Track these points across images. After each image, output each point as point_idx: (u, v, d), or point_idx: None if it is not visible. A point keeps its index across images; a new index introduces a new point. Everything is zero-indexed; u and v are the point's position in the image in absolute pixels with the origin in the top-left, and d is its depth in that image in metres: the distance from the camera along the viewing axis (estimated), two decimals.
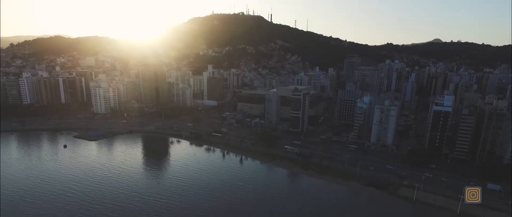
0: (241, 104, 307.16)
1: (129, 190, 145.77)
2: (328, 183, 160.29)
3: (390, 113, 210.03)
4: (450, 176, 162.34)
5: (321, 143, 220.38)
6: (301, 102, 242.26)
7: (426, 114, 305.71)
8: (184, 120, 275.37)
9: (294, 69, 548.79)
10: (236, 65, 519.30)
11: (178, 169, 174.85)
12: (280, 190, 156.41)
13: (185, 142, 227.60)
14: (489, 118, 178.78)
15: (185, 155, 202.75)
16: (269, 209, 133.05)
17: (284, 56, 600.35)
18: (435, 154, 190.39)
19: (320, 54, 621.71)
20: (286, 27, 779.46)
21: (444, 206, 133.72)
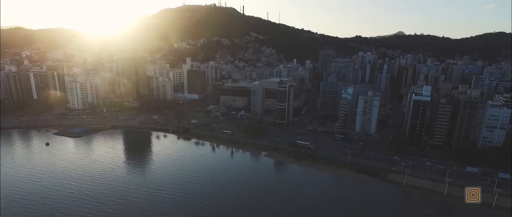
0: (224, 97, 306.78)
1: (126, 185, 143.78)
2: (322, 172, 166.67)
3: (373, 103, 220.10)
4: (432, 162, 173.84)
5: (309, 133, 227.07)
6: (287, 94, 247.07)
7: (400, 104, 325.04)
8: (167, 114, 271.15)
9: (270, 62, 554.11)
10: (212, 57, 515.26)
11: (169, 164, 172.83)
12: (277, 180, 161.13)
13: (172, 136, 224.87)
14: (464, 106, 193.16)
15: (175, 149, 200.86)
16: (272, 200, 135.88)
17: (259, 48, 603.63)
18: (416, 141, 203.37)
19: (293, 46, 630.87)
20: (258, 19, 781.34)
21: (432, 189, 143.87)
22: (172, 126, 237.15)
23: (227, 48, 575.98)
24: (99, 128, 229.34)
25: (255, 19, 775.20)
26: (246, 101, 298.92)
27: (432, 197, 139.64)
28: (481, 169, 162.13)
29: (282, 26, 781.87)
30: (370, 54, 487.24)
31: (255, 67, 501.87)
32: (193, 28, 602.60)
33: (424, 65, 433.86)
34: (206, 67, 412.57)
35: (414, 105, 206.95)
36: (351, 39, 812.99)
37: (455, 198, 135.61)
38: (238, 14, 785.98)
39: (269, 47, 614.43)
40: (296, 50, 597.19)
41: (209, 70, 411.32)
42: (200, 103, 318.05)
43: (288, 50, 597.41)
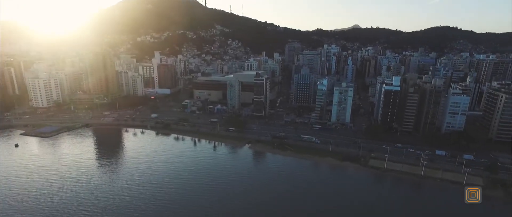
0: (198, 91, 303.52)
1: (110, 185, 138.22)
2: (308, 160, 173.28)
3: (348, 94, 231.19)
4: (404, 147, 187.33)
5: (288, 125, 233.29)
6: (264, 86, 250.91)
7: (366, 94, 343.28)
8: (141, 110, 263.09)
9: (237, 55, 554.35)
10: (178, 51, 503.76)
11: (151, 161, 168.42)
12: (262, 170, 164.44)
13: (151, 133, 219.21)
14: (429, 94, 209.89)
15: (155, 146, 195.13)
16: (267, 190, 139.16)
17: (225, 41, 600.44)
18: (388, 128, 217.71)
19: (259, 39, 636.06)
20: (222, 12, 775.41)
21: (410, 172, 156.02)
22: (150, 122, 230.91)
23: (193, 41, 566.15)
24: (70, 127, 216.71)
25: (218, 12, 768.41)
26: (221, 95, 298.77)
27: (410, 179, 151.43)
28: (449, 152, 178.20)
29: (246, 19, 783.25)
30: (334, 46, 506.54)
31: (222, 61, 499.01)
32: (156, 21, 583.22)
33: (384, 57, 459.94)
34: (174, 61, 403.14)
35: (385, 94, 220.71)
36: (313, 32, 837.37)
37: (431, 179, 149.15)
38: (201, 6, 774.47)
39: (235, 40, 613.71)
40: (261, 43, 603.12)
41: (178, 64, 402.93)
42: (173, 97, 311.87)
43: (253, 43, 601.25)
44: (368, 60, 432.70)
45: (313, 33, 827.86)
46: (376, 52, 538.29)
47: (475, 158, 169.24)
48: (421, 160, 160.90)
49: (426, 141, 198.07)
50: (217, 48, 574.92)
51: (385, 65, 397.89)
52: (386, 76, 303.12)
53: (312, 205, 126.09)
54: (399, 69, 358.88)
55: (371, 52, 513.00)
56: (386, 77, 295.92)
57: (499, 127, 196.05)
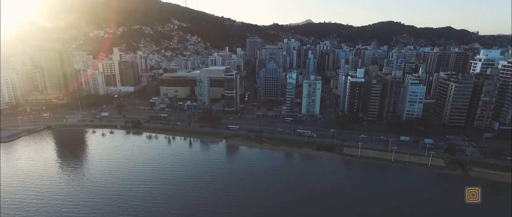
0: (164, 88, 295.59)
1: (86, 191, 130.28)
2: (286, 152, 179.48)
3: (317, 86, 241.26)
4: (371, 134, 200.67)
5: (260, 119, 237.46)
6: (234, 81, 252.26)
7: (328, 86, 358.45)
8: (107, 110, 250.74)
9: (198, 50, 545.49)
10: (135, 47, 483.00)
11: (126, 161, 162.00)
12: (240, 164, 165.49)
13: (121, 132, 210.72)
14: (391, 85, 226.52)
15: (130, 145, 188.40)
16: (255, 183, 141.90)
17: (184, 37, 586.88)
18: (355, 118, 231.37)
19: (218, 34, 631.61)
20: (178, 6, 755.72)
21: (382, 157, 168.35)
22: (119, 121, 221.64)
23: (150, 37, 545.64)
24: (31, 130, 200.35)
25: (174, 6, 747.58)
26: (189, 91, 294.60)
27: (383, 164, 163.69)
28: (411, 138, 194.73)
29: (202, 13, 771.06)
30: (293, 41, 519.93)
31: (183, 56, 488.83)
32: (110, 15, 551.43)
33: (341, 50, 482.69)
34: (134, 57, 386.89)
35: (351, 86, 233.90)
36: (270, 27, 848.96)
37: (400, 163, 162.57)
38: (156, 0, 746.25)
39: (194, 35, 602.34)
40: (221, 38, 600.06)
41: (138, 61, 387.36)
42: (137, 95, 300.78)
43: (213, 38, 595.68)
44: (326, 54, 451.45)
45: (270, 28, 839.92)
46: (333, 46, 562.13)
47: (434, 142, 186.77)
48: (390, 146, 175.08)
49: (390, 128, 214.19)
50: (176, 43, 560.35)
51: (343, 58, 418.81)
52: (346, 69, 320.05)
53: (299, 194, 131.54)
54: (357, 62, 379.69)
55: (328, 46, 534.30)
56: (346, 70, 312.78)
57: (451, 112, 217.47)
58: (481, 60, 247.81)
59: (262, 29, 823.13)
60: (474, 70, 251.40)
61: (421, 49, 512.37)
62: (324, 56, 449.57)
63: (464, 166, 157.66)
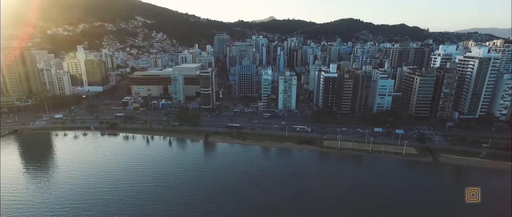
0: (136, 87, 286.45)
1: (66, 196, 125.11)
2: (269, 147, 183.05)
3: (292, 82, 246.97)
4: (348, 127, 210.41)
5: (238, 115, 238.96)
6: (210, 79, 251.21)
7: (299, 82, 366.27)
8: (76, 111, 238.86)
9: (164, 48, 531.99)
10: (98, 45, 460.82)
11: (106, 163, 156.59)
12: (235, 159, 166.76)
13: (96, 134, 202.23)
14: (362, 79, 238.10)
15: (107, 147, 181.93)
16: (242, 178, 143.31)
17: (150, 34, 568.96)
18: (329, 112, 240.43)
19: (184, 31, 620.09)
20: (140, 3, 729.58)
21: (360, 148, 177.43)
22: (92, 123, 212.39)
23: (113, 34, 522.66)
24: None
25: (137, 2, 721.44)
26: (162, 90, 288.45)
27: (362, 154, 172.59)
28: (384, 129, 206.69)
29: (166, 10, 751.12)
30: (262, 37, 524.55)
31: (149, 54, 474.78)
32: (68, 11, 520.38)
33: (309, 47, 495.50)
34: (99, 55, 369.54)
35: (325, 81, 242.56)
36: (235, 24, 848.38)
37: (378, 153, 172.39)
38: None
39: (159, 32, 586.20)
40: (188, 35, 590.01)
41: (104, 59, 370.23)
42: (108, 95, 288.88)
43: (179, 35, 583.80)
44: (295, 50, 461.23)
45: (236, 25, 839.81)
46: (299, 43, 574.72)
47: (405, 132, 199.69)
48: (367, 138, 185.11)
49: (362, 120, 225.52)
50: (142, 41, 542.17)
51: (311, 54, 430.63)
52: (317, 65, 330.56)
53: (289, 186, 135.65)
54: (325, 58, 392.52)
55: (295, 42, 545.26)
56: (317, 66, 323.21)
57: (417, 104, 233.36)
58: (440, 55, 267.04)
59: (228, 26, 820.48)
60: (434, 64, 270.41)
61: (382, 45, 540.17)
62: (293, 52, 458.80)
63: (434, 153, 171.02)
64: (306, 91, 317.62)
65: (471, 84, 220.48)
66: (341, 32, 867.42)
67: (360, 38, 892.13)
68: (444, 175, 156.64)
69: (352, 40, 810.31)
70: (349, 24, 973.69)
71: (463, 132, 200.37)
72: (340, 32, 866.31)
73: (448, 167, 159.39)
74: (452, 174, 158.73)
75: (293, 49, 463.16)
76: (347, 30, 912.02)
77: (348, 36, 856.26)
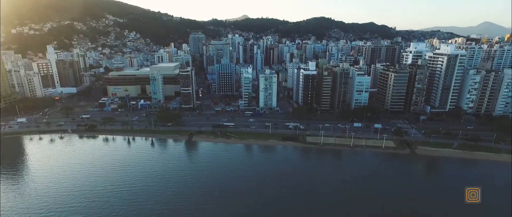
0: (112, 87, 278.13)
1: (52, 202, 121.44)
2: (254, 144, 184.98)
3: (273, 80, 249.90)
4: (328, 123, 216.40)
5: (220, 114, 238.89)
6: (191, 78, 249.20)
7: (278, 80, 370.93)
8: (49, 114, 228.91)
9: (138, 47, 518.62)
10: (68, 45, 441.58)
11: (87, 168, 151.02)
12: (221, 158, 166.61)
13: (73, 137, 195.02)
14: (340, 76, 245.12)
15: (88, 150, 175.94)
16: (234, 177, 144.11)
17: (122, 33, 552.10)
18: (310, 109, 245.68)
19: (157, 30, 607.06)
20: (110, 1, 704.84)
21: (342, 143, 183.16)
22: (69, 125, 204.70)
23: (84, 33, 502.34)
24: None
25: (106, 0, 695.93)
26: (140, 90, 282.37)
27: (345, 149, 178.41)
28: (363, 124, 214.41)
29: (138, 8, 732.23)
30: (237, 36, 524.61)
31: (123, 54, 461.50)
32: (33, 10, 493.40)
33: (285, 45, 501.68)
34: (69, 55, 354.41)
35: (305, 79, 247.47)
36: (209, 22, 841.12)
37: (359, 147, 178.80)
38: None
39: (132, 32, 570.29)
40: (162, 34, 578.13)
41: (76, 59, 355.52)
42: (82, 96, 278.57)
43: (153, 34, 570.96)
44: (271, 49, 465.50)
45: (210, 23, 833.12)
46: (275, 41, 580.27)
47: (383, 126, 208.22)
48: (348, 132, 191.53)
49: (342, 116, 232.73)
50: (114, 40, 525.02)
51: (287, 53, 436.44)
52: (295, 63, 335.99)
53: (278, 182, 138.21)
54: (302, 56, 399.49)
55: (271, 41, 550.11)
56: (295, 64, 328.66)
57: (392, 99, 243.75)
58: (412, 52, 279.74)
59: (202, 24, 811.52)
60: (406, 61, 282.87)
61: (354, 43, 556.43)
62: (269, 51, 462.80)
63: (411, 145, 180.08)
64: (285, 89, 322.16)
65: (441, 79, 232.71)
66: (313, 31, 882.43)
67: (332, 36, 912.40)
68: (422, 166, 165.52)
69: (324, 38, 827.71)
70: (321, 23, 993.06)
71: (435, 124, 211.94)
72: (312, 31, 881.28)
73: (425, 159, 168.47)
74: (428, 165, 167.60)
75: (270, 48, 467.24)
76: (319, 28, 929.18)
77: (321, 34, 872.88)
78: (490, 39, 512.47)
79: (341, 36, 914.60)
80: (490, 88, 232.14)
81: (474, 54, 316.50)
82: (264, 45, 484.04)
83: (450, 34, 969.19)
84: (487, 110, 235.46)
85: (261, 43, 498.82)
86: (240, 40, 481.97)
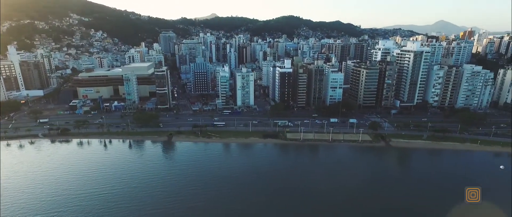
0: (83, 89, 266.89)
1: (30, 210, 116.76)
2: (236, 143, 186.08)
3: (249, 78, 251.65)
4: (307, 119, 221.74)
5: (198, 114, 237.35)
6: (167, 78, 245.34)
7: None
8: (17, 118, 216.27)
9: (106, 47, 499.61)
10: (30, 45, 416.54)
11: (64, 173, 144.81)
12: (204, 158, 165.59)
13: (45, 142, 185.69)
14: (315, 74, 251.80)
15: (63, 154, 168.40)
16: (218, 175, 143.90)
17: (88, 32, 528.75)
18: (287, 106, 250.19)
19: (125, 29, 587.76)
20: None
21: (321, 138, 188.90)
22: (39, 130, 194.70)
23: (46, 33, 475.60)
24: None
25: None
26: (112, 91, 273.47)
27: (324, 144, 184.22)
28: (339, 119, 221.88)
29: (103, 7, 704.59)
30: (209, 35, 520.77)
31: (90, 54, 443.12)
32: None
33: (257, 43, 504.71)
34: (33, 56, 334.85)
35: (281, 76, 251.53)
36: (178, 21, 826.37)
37: (337, 141, 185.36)
38: None
39: (98, 31, 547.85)
40: (130, 33, 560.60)
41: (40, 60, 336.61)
42: (50, 99, 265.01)
43: (120, 33, 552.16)
44: (244, 47, 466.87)
45: (179, 22, 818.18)
46: (247, 40, 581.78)
47: (357, 121, 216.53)
48: (325, 128, 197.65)
49: (318, 112, 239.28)
50: (79, 40, 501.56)
51: (260, 51, 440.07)
52: (269, 61, 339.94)
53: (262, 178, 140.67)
54: (275, 54, 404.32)
55: (243, 39, 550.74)
56: (269, 62, 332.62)
57: (364, 95, 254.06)
58: (381, 49, 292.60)
59: (171, 23, 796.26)
60: (375, 58, 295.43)
61: (323, 41, 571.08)
62: (242, 49, 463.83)
63: (385, 138, 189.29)
64: (260, 87, 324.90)
65: (408, 75, 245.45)
66: (283, 29, 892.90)
67: (301, 34, 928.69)
68: (398, 157, 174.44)
69: (293, 36, 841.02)
70: (290, 21, 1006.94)
71: (405, 118, 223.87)
72: (282, 29, 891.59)
73: (400, 150, 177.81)
74: (404, 155, 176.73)
75: (242, 46, 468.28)
76: (288, 27, 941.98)
77: (290, 32, 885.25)
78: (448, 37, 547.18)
79: (309, 34, 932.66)
80: (452, 82, 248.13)
81: (435, 51, 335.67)
82: (237, 44, 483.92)
83: (410, 32, 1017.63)
84: (450, 103, 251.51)
85: (234, 42, 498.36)
86: (212, 39, 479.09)
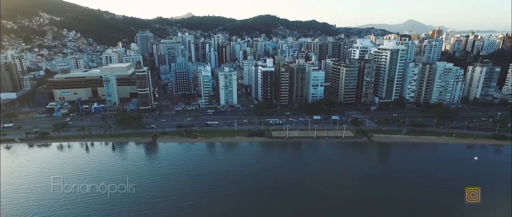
0: (59, 91, 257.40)
1: None
2: (222, 142, 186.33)
3: (232, 77, 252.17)
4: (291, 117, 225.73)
5: (181, 114, 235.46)
6: (148, 78, 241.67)
7: None
8: None
9: (81, 47, 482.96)
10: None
11: (48, 177, 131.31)
12: (193, 159, 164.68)
13: (22, 146, 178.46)
14: (297, 72, 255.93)
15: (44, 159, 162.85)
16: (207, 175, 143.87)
17: (60, 32, 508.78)
18: (270, 104, 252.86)
19: (100, 29, 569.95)
20: None
21: (306, 135, 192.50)
22: (15, 134, 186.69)
23: (15, 33, 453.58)
24: None
25: None
26: (91, 93, 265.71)
27: (309, 141, 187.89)
28: (322, 116, 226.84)
29: (75, 6, 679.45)
30: (187, 34, 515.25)
31: (64, 55, 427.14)
32: None
33: (236, 43, 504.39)
34: (4, 57, 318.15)
35: (263, 75, 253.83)
36: (154, 21, 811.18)
37: (322, 138, 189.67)
38: None
39: (71, 31, 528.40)
40: (105, 33, 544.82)
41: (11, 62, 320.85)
42: (24, 102, 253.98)
43: (95, 33, 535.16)
44: (223, 47, 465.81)
45: (155, 22, 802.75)
46: (225, 39, 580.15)
47: (339, 118, 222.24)
48: (309, 125, 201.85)
49: (300, 110, 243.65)
50: (52, 40, 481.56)
51: (240, 50, 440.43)
52: (250, 60, 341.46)
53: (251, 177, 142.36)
54: (255, 52, 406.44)
55: (221, 39, 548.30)
56: (250, 61, 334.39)
57: (344, 92, 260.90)
58: (359, 48, 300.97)
59: (147, 23, 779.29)
60: (353, 56, 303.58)
61: (300, 39, 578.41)
62: (221, 49, 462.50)
63: (367, 134, 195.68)
64: (242, 86, 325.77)
65: (386, 72, 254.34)
66: (260, 28, 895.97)
67: (279, 33, 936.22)
68: (380, 151, 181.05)
69: (271, 35, 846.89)
70: (267, 21, 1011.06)
71: (384, 114, 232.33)
72: (259, 28, 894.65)
73: (381, 145, 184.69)
74: (385, 149, 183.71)
75: (221, 46, 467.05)
76: (265, 26, 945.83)
77: (267, 31, 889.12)
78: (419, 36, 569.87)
79: (286, 33, 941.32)
80: (426, 79, 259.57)
81: (408, 49, 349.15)
82: (216, 43, 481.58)
83: (382, 31, 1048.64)
84: (425, 98, 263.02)
85: (213, 41, 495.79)
86: (191, 39, 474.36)
